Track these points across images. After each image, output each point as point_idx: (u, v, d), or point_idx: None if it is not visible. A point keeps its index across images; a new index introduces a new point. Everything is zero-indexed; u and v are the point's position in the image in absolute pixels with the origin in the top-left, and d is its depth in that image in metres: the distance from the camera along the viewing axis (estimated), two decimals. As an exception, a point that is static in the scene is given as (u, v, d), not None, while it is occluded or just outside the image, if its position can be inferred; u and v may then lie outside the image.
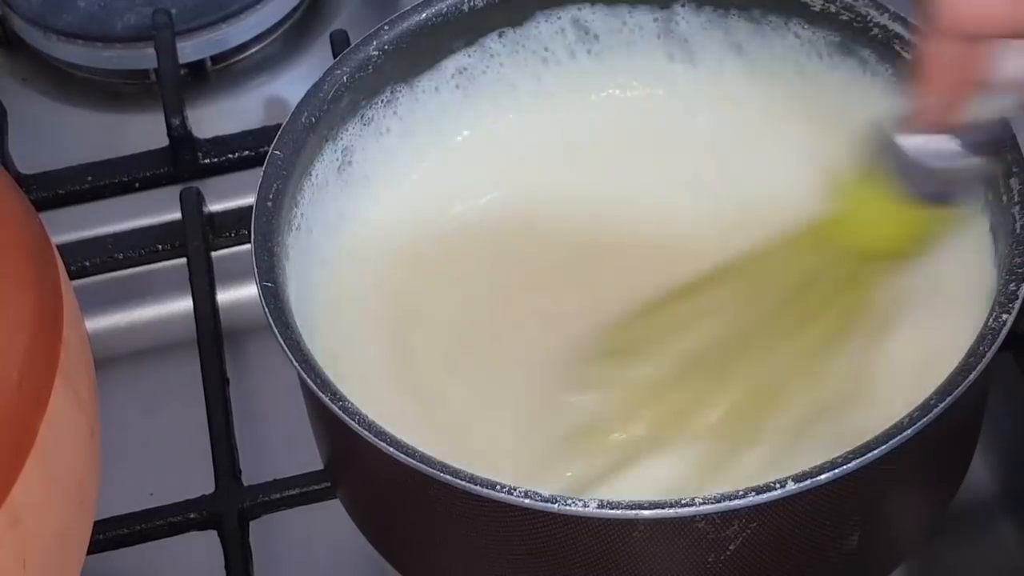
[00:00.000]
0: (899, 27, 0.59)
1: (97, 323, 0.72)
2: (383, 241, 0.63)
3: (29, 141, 0.80)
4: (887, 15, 0.60)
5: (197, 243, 0.71)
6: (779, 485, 0.47)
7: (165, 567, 0.64)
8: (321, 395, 0.51)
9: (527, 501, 0.48)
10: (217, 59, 0.84)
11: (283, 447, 0.66)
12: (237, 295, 0.72)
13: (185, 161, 0.76)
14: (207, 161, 0.76)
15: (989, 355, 0.50)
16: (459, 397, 0.58)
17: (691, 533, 0.49)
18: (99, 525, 0.58)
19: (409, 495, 0.53)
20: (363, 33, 0.63)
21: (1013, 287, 0.51)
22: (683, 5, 0.64)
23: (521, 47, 0.65)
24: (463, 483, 0.49)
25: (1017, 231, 0.52)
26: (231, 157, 0.76)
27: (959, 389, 0.49)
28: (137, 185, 0.76)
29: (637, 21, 0.65)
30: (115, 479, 0.56)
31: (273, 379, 0.70)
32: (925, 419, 0.48)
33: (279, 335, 0.53)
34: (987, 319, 0.50)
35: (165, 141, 0.76)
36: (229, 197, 0.75)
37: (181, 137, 0.75)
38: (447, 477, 0.49)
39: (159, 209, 0.75)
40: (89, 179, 0.76)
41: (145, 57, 0.81)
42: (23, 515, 0.46)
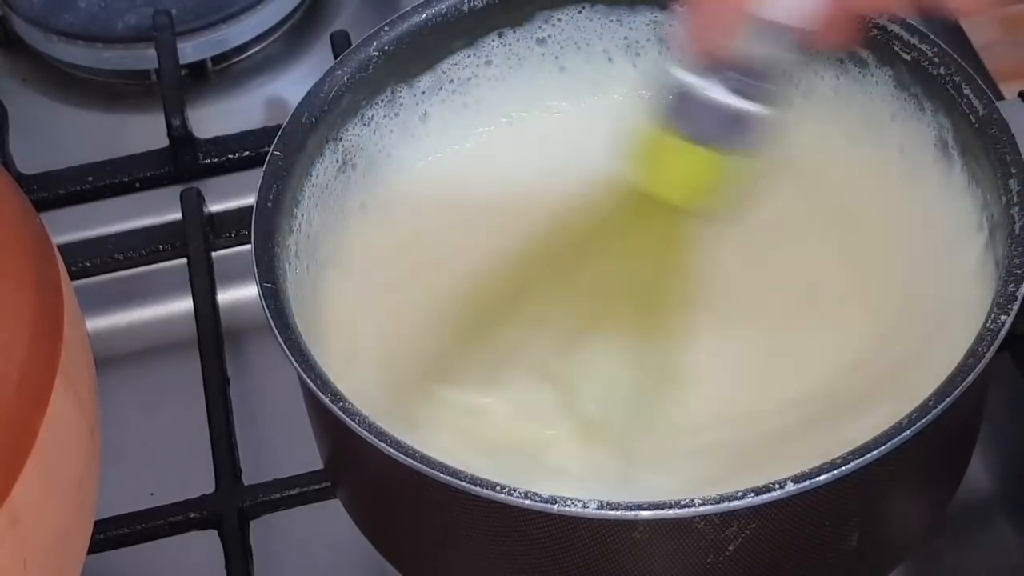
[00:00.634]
0: (898, 27, 0.59)
1: (97, 323, 0.72)
2: (385, 242, 0.63)
3: (29, 141, 0.80)
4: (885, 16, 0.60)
5: (197, 243, 0.71)
6: (778, 486, 0.47)
7: (165, 567, 0.64)
8: (321, 395, 0.51)
9: (527, 502, 0.48)
10: (217, 59, 0.84)
11: (283, 447, 0.66)
12: (237, 295, 0.72)
13: (185, 161, 0.76)
14: (207, 161, 0.76)
15: (988, 356, 0.50)
16: (461, 400, 0.58)
17: (690, 534, 0.49)
18: (99, 525, 0.58)
19: (408, 495, 0.53)
20: (364, 33, 0.63)
21: (1012, 288, 0.51)
22: (681, 5, 0.64)
23: (522, 47, 0.65)
24: (463, 484, 0.49)
25: (1016, 232, 0.52)
26: (231, 157, 0.76)
27: (958, 390, 0.49)
28: (137, 185, 0.76)
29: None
30: (115, 479, 0.56)
31: (273, 379, 0.70)
32: (924, 420, 0.48)
33: (279, 335, 0.54)
34: (985, 320, 0.50)
35: (165, 141, 0.76)
36: (229, 197, 0.75)
37: (181, 137, 0.76)
38: (446, 478, 0.49)
39: (159, 209, 0.75)
40: (89, 179, 0.76)
41: (146, 57, 0.81)
42: (23, 515, 0.46)
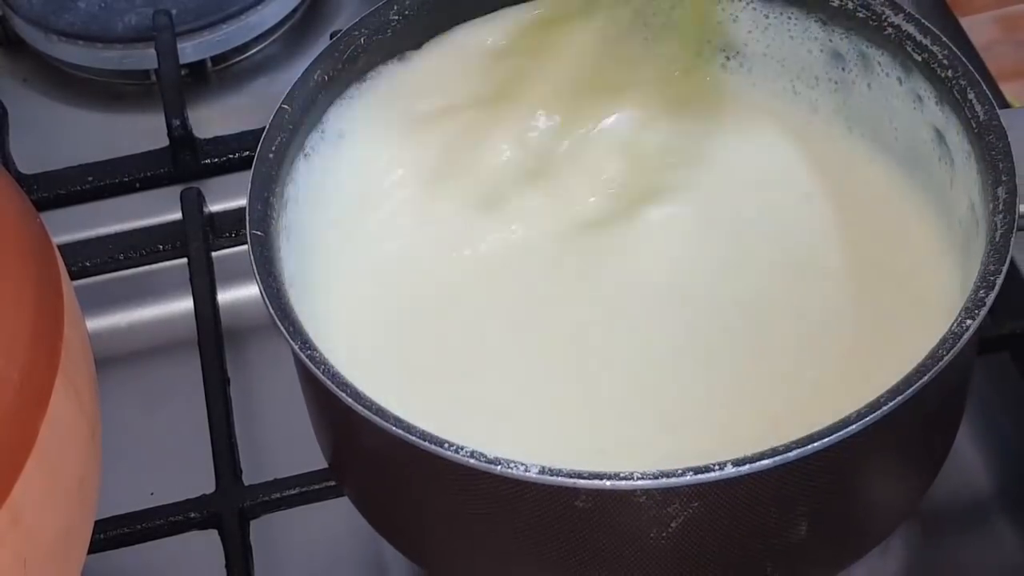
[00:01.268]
0: (912, 28, 0.59)
1: (97, 323, 0.72)
2: (385, 209, 0.63)
3: (29, 141, 0.80)
4: (902, 15, 0.60)
5: (198, 243, 0.71)
6: (718, 467, 0.47)
7: (165, 567, 0.64)
8: (310, 365, 0.51)
9: (471, 461, 0.48)
10: (217, 60, 0.84)
11: (283, 447, 0.66)
12: (238, 295, 0.72)
13: (185, 161, 0.76)
14: (207, 161, 0.76)
15: (947, 359, 0.49)
16: (456, 370, 0.58)
17: (632, 507, 0.49)
18: (100, 524, 0.58)
19: (402, 471, 0.53)
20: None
21: (983, 294, 0.51)
22: None
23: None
24: (406, 435, 0.49)
25: (996, 239, 0.52)
26: (231, 157, 0.76)
27: (910, 390, 0.48)
28: (137, 185, 0.76)
29: None
30: (115, 479, 0.56)
31: (273, 379, 0.70)
32: (871, 416, 0.48)
33: (267, 297, 0.54)
34: (952, 324, 0.50)
35: (165, 141, 0.76)
36: (229, 197, 0.75)
37: (181, 137, 0.76)
38: (421, 441, 0.49)
39: (159, 209, 0.75)
40: (89, 179, 0.76)
41: (145, 58, 0.81)
42: (24, 515, 0.46)
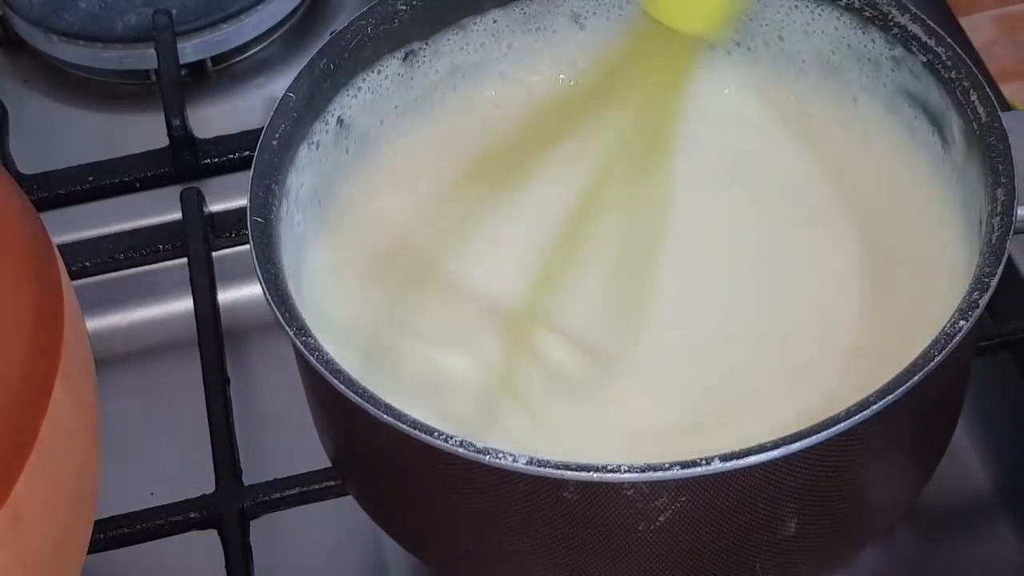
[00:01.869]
0: (918, 28, 0.59)
1: (97, 323, 0.72)
2: (386, 196, 0.63)
3: (29, 141, 0.80)
4: (908, 15, 0.60)
5: (198, 243, 0.71)
6: (704, 462, 0.47)
7: (165, 567, 0.64)
8: (311, 358, 0.51)
9: (460, 450, 0.48)
10: (217, 60, 0.84)
11: (283, 447, 0.66)
12: (238, 295, 0.72)
13: (185, 161, 0.76)
14: (207, 161, 0.76)
15: (938, 359, 0.49)
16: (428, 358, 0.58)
17: (620, 500, 0.49)
18: (99, 524, 0.58)
19: (397, 461, 0.53)
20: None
21: (976, 296, 0.51)
22: None
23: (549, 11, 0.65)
24: (408, 428, 0.49)
25: (992, 241, 0.52)
26: (231, 157, 0.76)
27: (901, 388, 0.48)
28: (137, 185, 0.76)
29: None
30: (115, 479, 0.56)
31: (273, 379, 0.70)
32: (861, 415, 0.48)
33: (264, 283, 0.53)
34: (944, 324, 0.50)
35: (165, 141, 0.76)
36: (229, 197, 0.75)
37: (181, 137, 0.76)
38: (411, 430, 0.49)
39: (159, 209, 0.75)
40: (89, 179, 0.76)
41: (145, 57, 0.81)
42: (24, 515, 0.46)
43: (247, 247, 0.56)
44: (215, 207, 0.74)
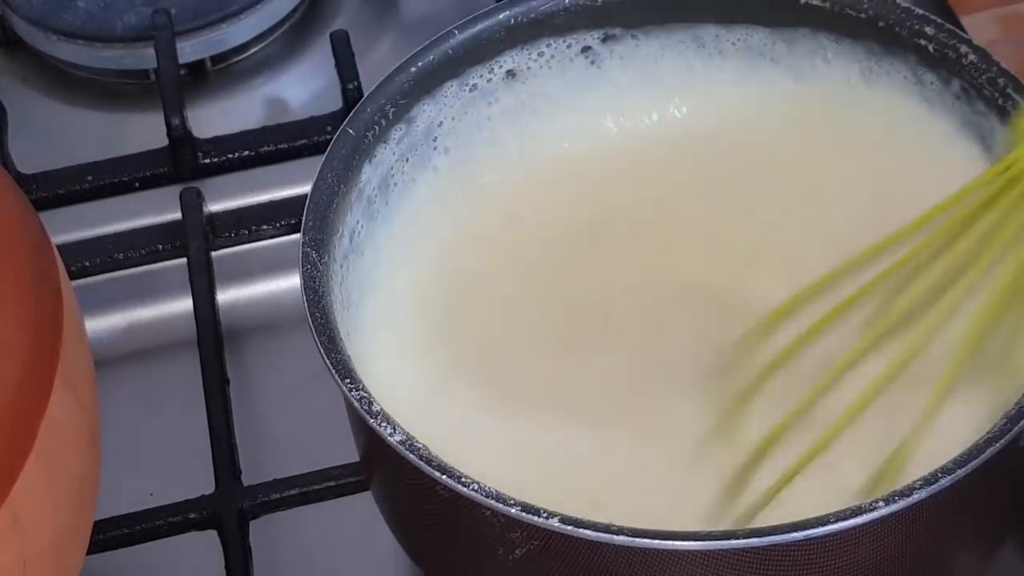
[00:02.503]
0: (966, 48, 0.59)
1: (97, 323, 0.72)
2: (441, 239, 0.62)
3: (29, 141, 0.80)
4: (932, 25, 0.59)
5: (197, 243, 0.71)
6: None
7: (165, 567, 0.64)
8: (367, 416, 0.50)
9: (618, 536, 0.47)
10: (217, 59, 0.84)
11: (283, 447, 0.66)
12: (237, 295, 0.72)
13: (185, 161, 0.76)
14: (207, 161, 0.76)
15: (988, 453, 0.48)
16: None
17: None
18: (99, 525, 0.58)
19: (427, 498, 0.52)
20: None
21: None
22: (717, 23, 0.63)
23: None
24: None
25: None
26: (231, 157, 0.76)
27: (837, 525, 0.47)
28: (137, 185, 0.76)
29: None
30: (115, 479, 0.56)
31: (273, 379, 0.70)
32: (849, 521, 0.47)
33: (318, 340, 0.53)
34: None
35: (165, 141, 0.76)
36: (229, 197, 0.75)
37: (181, 137, 0.76)
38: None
39: (159, 209, 0.75)
40: (89, 179, 0.76)
41: (145, 57, 0.81)
42: (23, 515, 0.46)
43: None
44: (214, 207, 0.74)
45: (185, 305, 0.71)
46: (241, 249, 0.73)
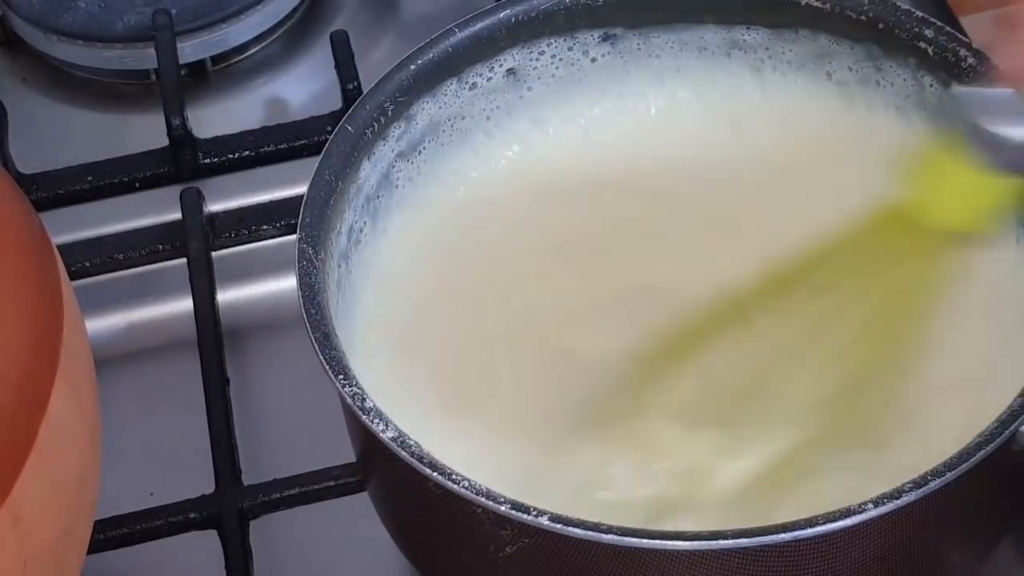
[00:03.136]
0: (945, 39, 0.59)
1: (97, 323, 0.72)
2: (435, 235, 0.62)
3: (29, 141, 0.80)
4: (932, 28, 0.59)
5: (197, 243, 0.71)
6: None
7: (165, 567, 0.64)
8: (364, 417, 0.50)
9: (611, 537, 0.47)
10: (217, 59, 0.84)
11: (283, 447, 0.66)
12: (237, 295, 0.72)
13: (185, 161, 0.76)
14: (207, 161, 0.76)
15: (979, 456, 0.48)
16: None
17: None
18: (99, 525, 0.58)
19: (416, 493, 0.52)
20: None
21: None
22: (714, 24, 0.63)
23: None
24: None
25: None
26: (231, 157, 0.76)
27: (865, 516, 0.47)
28: (137, 185, 0.76)
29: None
30: (115, 479, 0.56)
31: (273, 379, 0.70)
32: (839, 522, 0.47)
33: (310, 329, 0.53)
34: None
35: (165, 141, 0.76)
36: (229, 197, 0.75)
37: (181, 137, 0.76)
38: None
39: (159, 209, 0.75)
40: (89, 179, 0.76)
41: (145, 57, 0.81)
42: (23, 515, 0.46)
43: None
44: (215, 207, 0.74)
45: (185, 305, 0.71)
46: (241, 249, 0.73)
